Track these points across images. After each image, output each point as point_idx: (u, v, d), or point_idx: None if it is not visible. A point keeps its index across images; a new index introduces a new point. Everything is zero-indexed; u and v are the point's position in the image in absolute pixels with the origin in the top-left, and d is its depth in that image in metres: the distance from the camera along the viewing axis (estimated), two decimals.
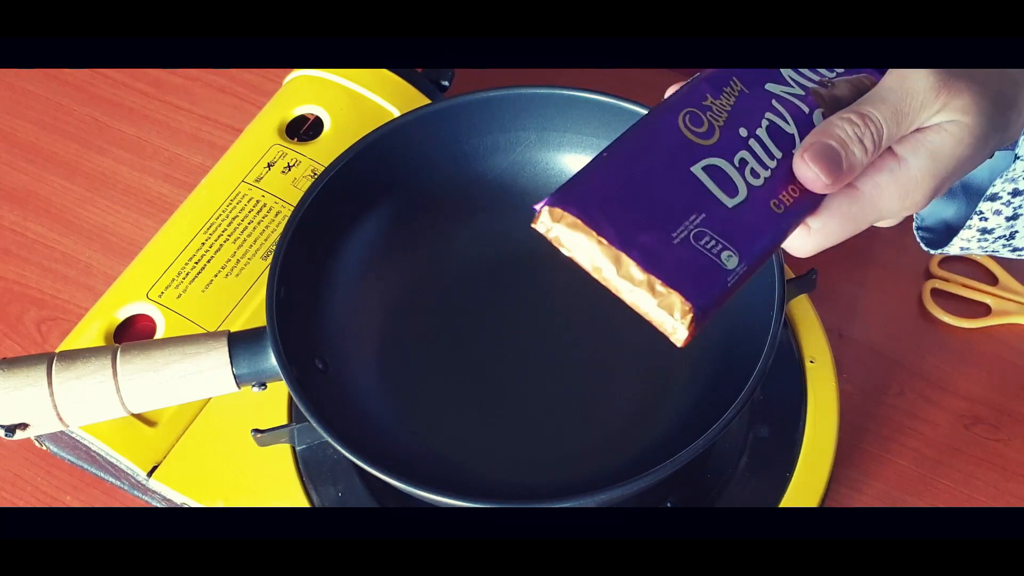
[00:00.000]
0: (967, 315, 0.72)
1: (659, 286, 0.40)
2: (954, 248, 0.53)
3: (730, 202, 0.43)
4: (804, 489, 0.60)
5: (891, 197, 0.44)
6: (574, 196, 0.41)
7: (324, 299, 0.61)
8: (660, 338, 0.64)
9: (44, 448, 0.66)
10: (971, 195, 0.54)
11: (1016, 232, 0.51)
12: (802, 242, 0.45)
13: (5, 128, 0.84)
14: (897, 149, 0.44)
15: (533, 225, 0.41)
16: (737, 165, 0.43)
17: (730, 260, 0.42)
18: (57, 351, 0.55)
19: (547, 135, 0.65)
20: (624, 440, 0.59)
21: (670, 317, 0.41)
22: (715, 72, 0.45)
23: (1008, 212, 0.50)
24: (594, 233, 0.41)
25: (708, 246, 0.42)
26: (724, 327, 0.57)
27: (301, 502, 0.61)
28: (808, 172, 0.43)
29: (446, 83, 0.76)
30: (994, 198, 0.49)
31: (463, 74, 0.78)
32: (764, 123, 0.44)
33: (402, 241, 0.64)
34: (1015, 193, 0.49)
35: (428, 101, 0.73)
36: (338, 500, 0.61)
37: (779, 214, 0.43)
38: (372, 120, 0.66)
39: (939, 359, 0.71)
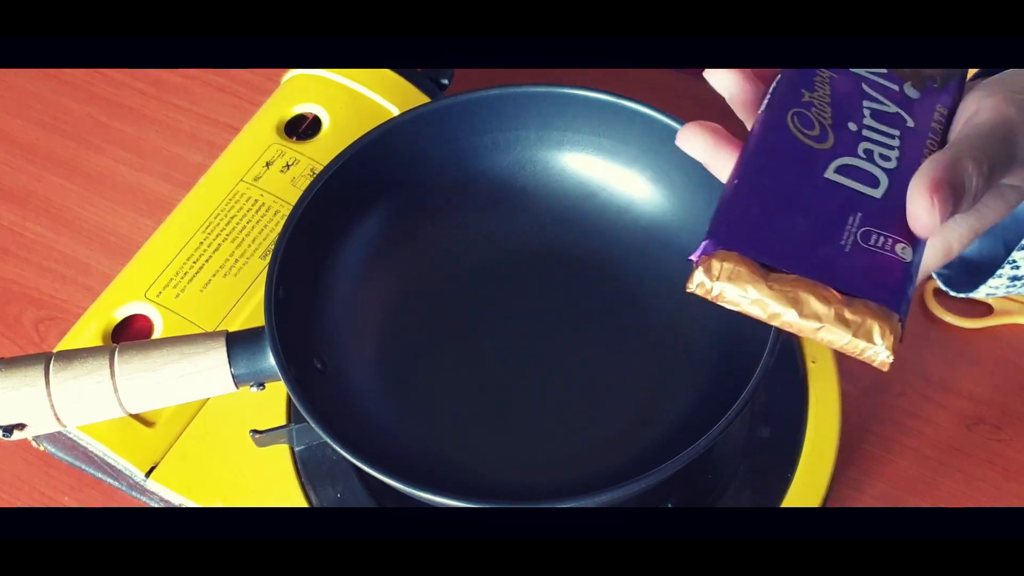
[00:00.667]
0: (969, 315, 0.72)
1: (848, 314, 0.37)
2: (980, 294, 0.53)
3: (876, 192, 0.40)
4: (806, 489, 0.60)
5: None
6: (731, 235, 0.38)
7: (323, 298, 0.61)
8: (661, 338, 0.63)
9: (42, 449, 0.66)
10: (987, 233, 0.54)
11: None
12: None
13: (5, 128, 0.84)
14: None
15: (689, 288, 0.38)
16: (864, 156, 0.41)
17: (905, 251, 0.39)
18: (55, 351, 0.55)
19: (547, 134, 0.64)
20: (625, 440, 0.59)
21: (870, 344, 0.38)
22: (795, 70, 0.43)
23: None
24: (762, 280, 0.38)
25: (879, 244, 0.39)
26: (725, 327, 0.57)
27: (300, 503, 0.60)
28: (920, 210, 0.39)
29: (446, 81, 0.75)
30: None
31: (463, 74, 0.78)
32: (866, 111, 0.43)
33: (401, 240, 0.64)
34: None
35: (427, 99, 0.73)
36: (337, 500, 0.60)
37: None
38: (371, 119, 0.66)
39: (941, 359, 0.71)
